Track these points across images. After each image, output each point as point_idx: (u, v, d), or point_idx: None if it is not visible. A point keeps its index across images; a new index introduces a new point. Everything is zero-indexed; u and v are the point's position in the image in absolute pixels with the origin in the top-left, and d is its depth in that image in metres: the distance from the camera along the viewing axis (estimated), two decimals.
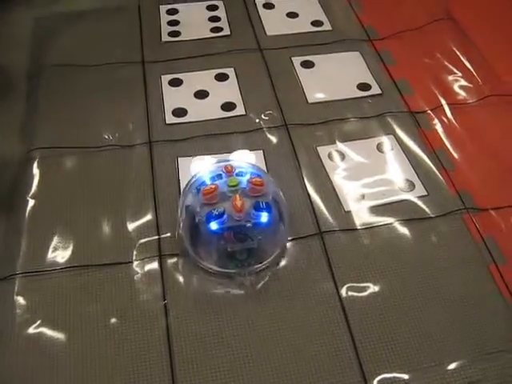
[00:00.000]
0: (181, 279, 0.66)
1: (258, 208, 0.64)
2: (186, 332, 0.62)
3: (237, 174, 0.68)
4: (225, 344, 0.61)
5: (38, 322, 0.63)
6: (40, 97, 0.89)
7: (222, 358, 0.60)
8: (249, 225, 0.64)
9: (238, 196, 0.64)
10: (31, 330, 0.62)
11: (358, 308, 0.64)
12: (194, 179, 0.70)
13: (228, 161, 0.71)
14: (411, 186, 0.76)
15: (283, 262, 0.68)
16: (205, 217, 0.64)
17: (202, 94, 0.89)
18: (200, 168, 0.71)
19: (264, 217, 0.64)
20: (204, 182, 0.68)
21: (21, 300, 0.65)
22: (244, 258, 0.66)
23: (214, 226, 0.63)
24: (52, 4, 1.08)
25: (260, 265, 0.67)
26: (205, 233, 0.65)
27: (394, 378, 0.59)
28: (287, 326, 0.63)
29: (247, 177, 0.67)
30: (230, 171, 0.68)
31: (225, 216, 0.63)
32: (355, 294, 0.65)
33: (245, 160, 0.73)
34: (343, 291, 0.65)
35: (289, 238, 0.70)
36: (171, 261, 0.68)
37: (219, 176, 0.68)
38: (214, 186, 0.66)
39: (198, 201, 0.66)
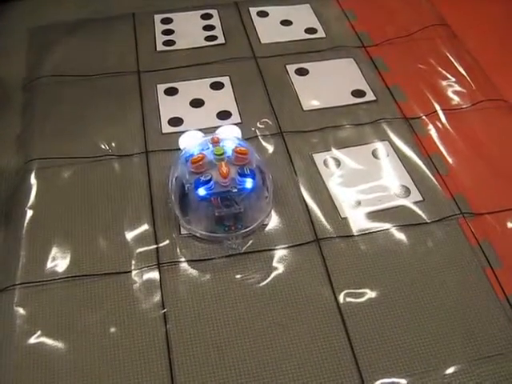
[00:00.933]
0: (180, 287, 0.67)
1: (242, 174, 0.69)
2: (186, 340, 0.62)
3: (223, 145, 0.72)
4: (224, 351, 0.61)
5: (38, 333, 0.63)
6: (36, 107, 0.89)
7: (222, 366, 0.60)
8: (234, 190, 0.68)
9: (223, 163, 0.69)
10: (31, 341, 0.62)
11: (356, 314, 0.64)
12: (182, 152, 0.73)
13: (215, 135, 0.75)
14: (407, 191, 0.77)
15: (281, 269, 0.68)
16: (193, 184, 0.68)
17: (197, 103, 0.90)
18: (188, 142, 0.75)
19: (248, 183, 0.69)
20: (192, 154, 0.72)
21: (20, 311, 0.65)
22: (231, 223, 0.70)
23: (201, 191, 0.68)
24: (46, 14, 1.09)
25: (246, 229, 0.70)
26: (193, 199, 0.69)
27: (392, 383, 0.59)
28: (286, 333, 0.63)
29: (232, 146, 0.71)
30: (216, 142, 0.72)
31: (212, 182, 0.68)
32: (353, 300, 0.66)
33: (230, 133, 0.76)
34: (341, 297, 0.66)
35: (286, 245, 0.71)
36: (170, 269, 0.68)
37: (206, 147, 0.72)
38: (201, 155, 0.70)
39: (186, 170, 0.70)
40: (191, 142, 0.75)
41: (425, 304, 0.65)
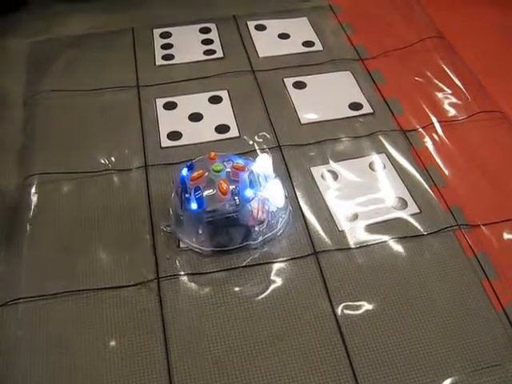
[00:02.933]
0: (179, 301, 0.67)
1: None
2: (185, 352, 0.63)
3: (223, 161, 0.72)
4: (223, 363, 0.62)
5: (40, 347, 0.63)
6: (36, 123, 0.90)
7: (221, 378, 0.61)
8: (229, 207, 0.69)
9: (222, 180, 0.69)
10: (33, 355, 0.63)
11: (354, 326, 0.65)
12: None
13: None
14: (404, 203, 0.77)
15: (279, 282, 0.69)
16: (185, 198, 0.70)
17: (196, 117, 0.91)
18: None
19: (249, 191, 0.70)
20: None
21: (22, 325, 0.65)
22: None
23: (193, 205, 0.69)
24: (47, 30, 1.09)
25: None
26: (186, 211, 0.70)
27: None
28: (284, 345, 0.63)
29: (230, 164, 0.72)
30: (213, 158, 0.72)
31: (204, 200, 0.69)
32: (350, 312, 0.66)
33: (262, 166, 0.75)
34: (339, 310, 0.66)
35: (284, 259, 0.71)
36: (169, 283, 0.69)
37: (204, 164, 0.72)
38: (201, 172, 0.70)
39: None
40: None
41: (422, 316, 0.66)
